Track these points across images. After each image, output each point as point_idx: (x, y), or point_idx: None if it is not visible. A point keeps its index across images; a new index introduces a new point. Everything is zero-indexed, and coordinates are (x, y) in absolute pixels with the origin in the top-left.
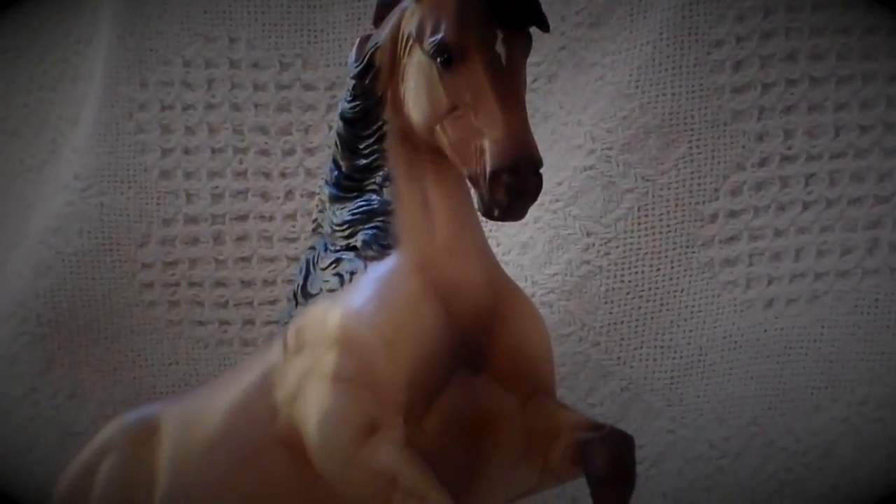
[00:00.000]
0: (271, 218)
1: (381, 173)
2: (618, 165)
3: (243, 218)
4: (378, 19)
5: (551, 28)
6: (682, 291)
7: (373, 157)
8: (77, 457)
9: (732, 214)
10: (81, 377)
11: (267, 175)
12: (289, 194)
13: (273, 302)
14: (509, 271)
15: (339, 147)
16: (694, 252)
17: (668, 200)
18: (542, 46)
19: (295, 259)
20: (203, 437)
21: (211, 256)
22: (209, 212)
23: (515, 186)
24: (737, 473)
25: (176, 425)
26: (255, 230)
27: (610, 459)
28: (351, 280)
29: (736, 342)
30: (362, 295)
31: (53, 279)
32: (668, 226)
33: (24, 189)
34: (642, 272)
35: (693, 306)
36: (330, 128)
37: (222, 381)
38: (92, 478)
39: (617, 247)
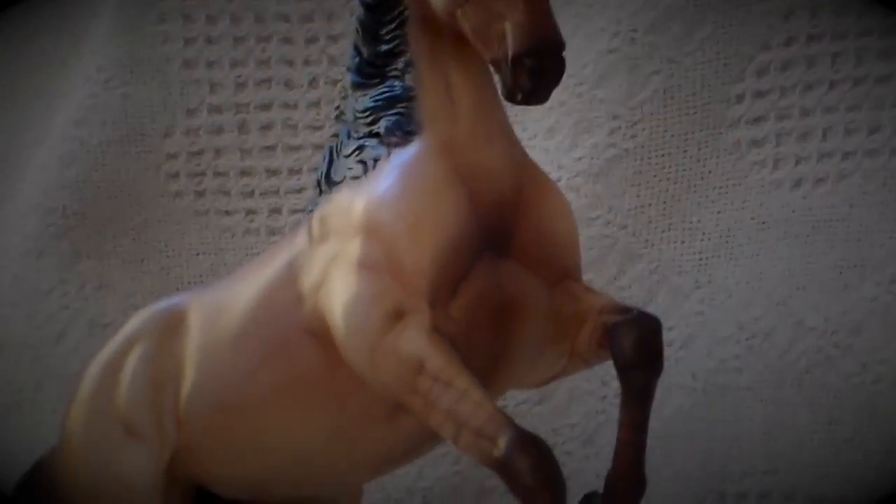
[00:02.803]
0: (295, 106)
1: (402, 59)
2: (643, 47)
3: (267, 107)
4: None
5: None
6: (709, 173)
7: (394, 43)
8: (104, 347)
9: (759, 95)
10: (109, 268)
11: (290, 63)
12: (313, 82)
13: (299, 191)
14: (535, 156)
15: (361, 33)
16: (721, 133)
17: (694, 82)
18: None
19: (320, 147)
20: (230, 326)
21: (236, 146)
22: (233, 101)
23: (538, 70)
24: (766, 354)
25: (203, 315)
26: (279, 119)
27: (637, 342)
28: (375, 167)
29: (764, 223)
30: (386, 182)
31: (78, 171)
32: (695, 107)
33: (47, 83)
34: (669, 154)
35: (720, 187)
36: (352, 14)
37: (248, 270)
38: (119, 368)
39: (643, 129)
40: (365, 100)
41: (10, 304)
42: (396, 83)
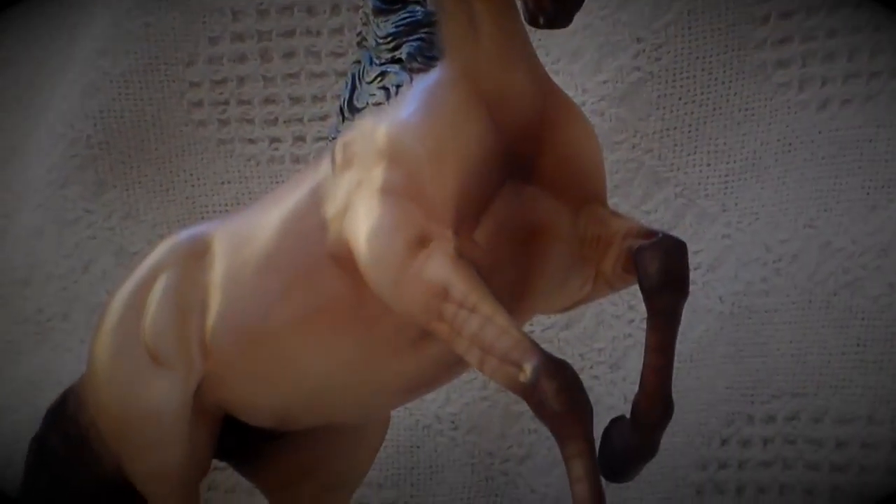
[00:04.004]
0: (318, 33)
1: None
2: None
3: (290, 34)
4: None
5: None
6: (734, 95)
7: None
8: (129, 276)
9: (784, 16)
10: (135, 198)
11: None
12: (335, 8)
13: (323, 118)
14: (559, 80)
15: None
16: (746, 55)
17: (718, 3)
18: None
19: (343, 74)
20: (254, 254)
21: (259, 74)
22: (255, 28)
23: None
24: (794, 276)
25: (227, 244)
26: (302, 46)
27: (662, 266)
28: (397, 93)
29: (790, 144)
30: (409, 108)
31: (102, 100)
32: (719, 29)
33: (69, 13)
34: (694, 77)
35: (746, 109)
36: None
37: (272, 198)
38: (145, 297)
39: (668, 52)
40: (387, 25)
41: (37, 234)
42: (418, 8)
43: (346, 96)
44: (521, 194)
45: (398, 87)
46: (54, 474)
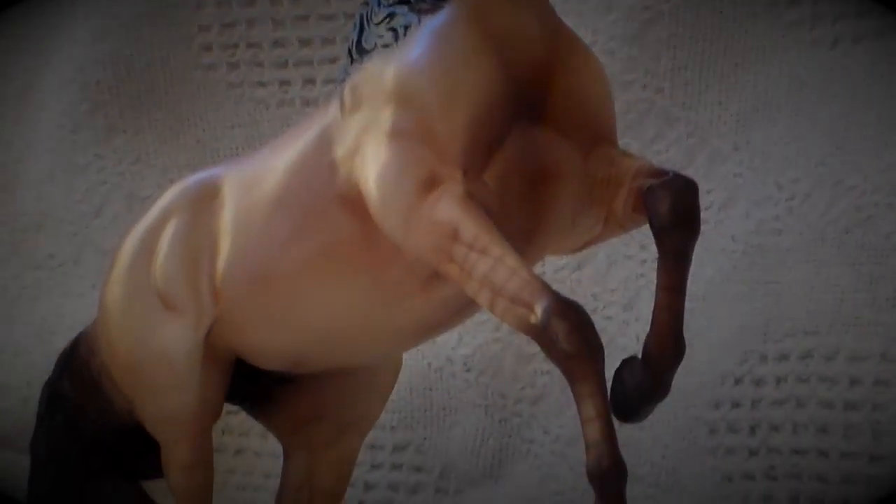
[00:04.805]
0: None
1: None
2: None
3: None
4: None
5: None
6: (746, 33)
7: None
8: (139, 221)
9: None
10: (145, 142)
11: None
12: None
13: (333, 60)
14: (569, 20)
15: None
16: None
17: None
18: None
19: (353, 16)
20: (264, 197)
21: (268, 16)
22: None
23: None
24: (806, 214)
25: (237, 187)
26: None
27: (673, 205)
28: (405, 35)
29: (802, 82)
30: (417, 49)
31: (111, 44)
32: None
33: None
34: (704, 15)
35: (758, 48)
36: None
37: (281, 141)
38: (155, 242)
39: None
40: None
41: (48, 180)
42: None
43: (355, 38)
44: (532, 135)
45: (406, 28)
46: (67, 418)
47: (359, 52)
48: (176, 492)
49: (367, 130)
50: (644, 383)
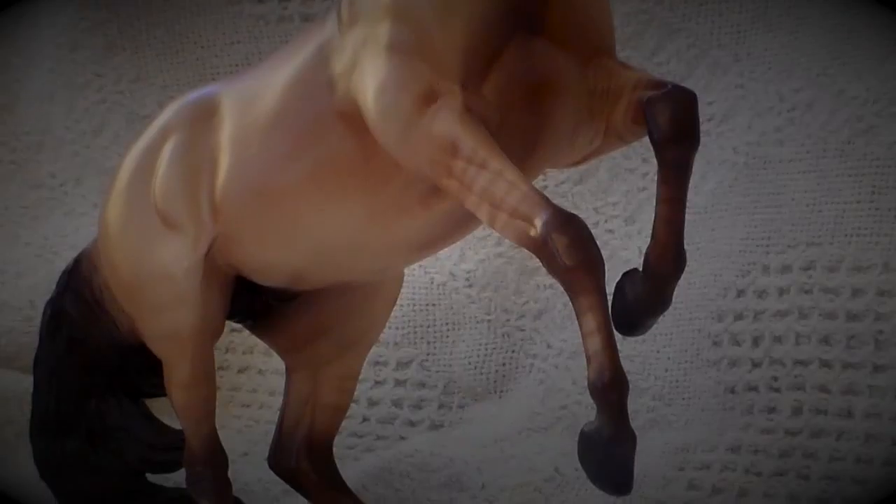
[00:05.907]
0: None
1: None
2: None
3: None
4: None
5: None
6: None
7: None
8: (138, 140)
9: None
10: (144, 61)
11: None
12: None
13: None
14: None
15: None
16: None
17: None
18: None
19: None
20: (262, 113)
21: None
22: None
23: None
24: (807, 124)
25: (235, 104)
26: None
27: (672, 117)
28: None
29: None
30: None
31: None
32: None
33: None
34: None
35: None
36: None
37: (279, 57)
38: (154, 159)
39: None
40: None
41: (48, 99)
42: None
43: None
44: (530, 48)
45: None
46: (69, 336)
47: None
48: (178, 409)
49: (364, 45)
50: (645, 296)
